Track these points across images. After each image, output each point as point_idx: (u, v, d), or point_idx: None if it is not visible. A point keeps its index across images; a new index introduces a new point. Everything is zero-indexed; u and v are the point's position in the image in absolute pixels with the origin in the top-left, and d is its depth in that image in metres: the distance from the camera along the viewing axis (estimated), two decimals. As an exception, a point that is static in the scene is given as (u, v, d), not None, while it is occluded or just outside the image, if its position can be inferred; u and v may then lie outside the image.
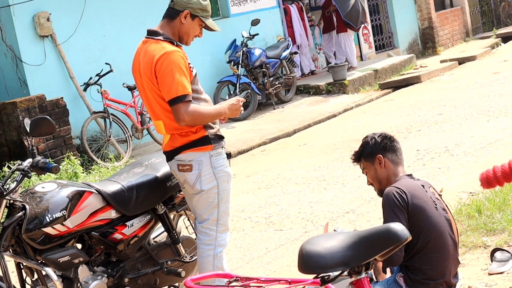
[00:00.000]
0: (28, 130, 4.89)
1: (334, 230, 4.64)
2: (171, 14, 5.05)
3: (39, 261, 4.76)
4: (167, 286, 5.60)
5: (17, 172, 4.77)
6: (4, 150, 10.83)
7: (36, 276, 4.88)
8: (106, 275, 5.02)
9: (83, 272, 4.90)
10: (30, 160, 4.81)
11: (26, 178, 4.75)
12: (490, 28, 25.28)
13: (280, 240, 7.17)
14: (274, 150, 11.88)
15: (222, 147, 5.06)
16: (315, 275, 2.66)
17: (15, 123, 10.63)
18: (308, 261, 2.64)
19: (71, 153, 10.76)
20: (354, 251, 2.58)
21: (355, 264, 2.58)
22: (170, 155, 5.05)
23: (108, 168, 10.83)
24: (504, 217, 6.21)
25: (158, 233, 5.69)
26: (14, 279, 4.92)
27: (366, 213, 7.39)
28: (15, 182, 4.69)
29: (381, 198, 4.41)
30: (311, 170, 9.74)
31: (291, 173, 9.80)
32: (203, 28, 5.16)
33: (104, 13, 12.83)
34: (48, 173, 4.87)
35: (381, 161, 4.57)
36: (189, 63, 4.95)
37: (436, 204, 4.44)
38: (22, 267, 4.93)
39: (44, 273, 4.75)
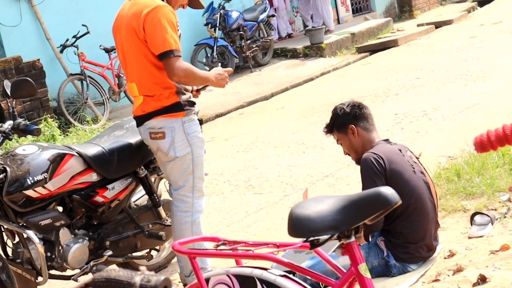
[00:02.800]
0: (9, 92, 4.84)
1: None
2: None
3: (20, 224, 4.74)
4: (148, 249, 5.61)
5: (-3, 134, 4.73)
6: (-20, 112, 10.74)
7: (17, 239, 4.86)
8: (87, 238, 5.01)
9: (64, 235, 4.89)
10: (10, 122, 4.77)
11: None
12: (466, -8, 25.27)
13: (259, 203, 7.17)
14: (252, 114, 11.86)
15: (194, 113, 4.97)
16: (304, 238, 2.66)
17: (-9, 85, 10.53)
18: (298, 225, 2.64)
19: (48, 115, 10.69)
20: (344, 215, 2.57)
21: (344, 228, 2.58)
22: (140, 120, 4.93)
23: (85, 131, 10.77)
24: (483, 181, 6.23)
25: (139, 196, 5.68)
26: (-5, 242, 4.91)
27: (346, 177, 7.41)
28: (-4, 145, 4.66)
29: (359, 164, 4.44)
30: (290, 133, 9.74)
31: (270, 136, 9.79)
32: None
33: (81, -27, 12.68)
34: (28, 135, 4.84)
35: (354, 131, 4.57)
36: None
37: (414, 168, 4.46)
38: (3, 230, 4.91)
39: (25, 236, 4.72)
